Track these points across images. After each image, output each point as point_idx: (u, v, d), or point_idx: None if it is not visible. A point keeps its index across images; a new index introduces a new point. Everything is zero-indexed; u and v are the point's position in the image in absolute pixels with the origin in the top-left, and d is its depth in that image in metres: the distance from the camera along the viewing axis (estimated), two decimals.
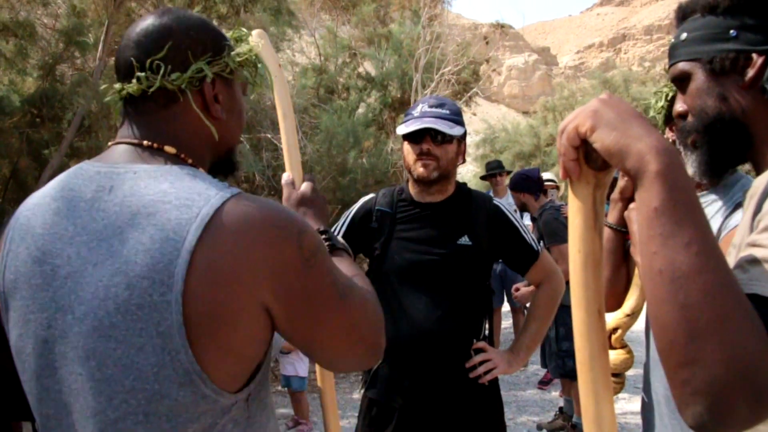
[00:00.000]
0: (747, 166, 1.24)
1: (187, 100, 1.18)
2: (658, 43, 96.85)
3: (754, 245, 0.92)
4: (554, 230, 4.77)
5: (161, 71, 1.14)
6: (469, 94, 14.53)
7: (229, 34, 1.30)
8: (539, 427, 5.26)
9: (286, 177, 1.66)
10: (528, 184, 5.13)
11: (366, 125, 10.15)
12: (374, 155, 9.53)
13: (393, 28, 13.63)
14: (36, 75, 6.05)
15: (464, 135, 2.41)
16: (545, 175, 5.82)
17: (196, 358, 1.01)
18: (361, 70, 13.37)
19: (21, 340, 1.11)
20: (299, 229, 1.09)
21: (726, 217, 1.70)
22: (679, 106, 1.30)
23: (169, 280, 0.99)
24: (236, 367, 1.08)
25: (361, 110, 11.02)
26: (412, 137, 2.33)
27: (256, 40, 1.40)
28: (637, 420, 5.15)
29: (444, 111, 2.32)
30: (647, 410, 1.93)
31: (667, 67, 1.35)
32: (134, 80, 1.15)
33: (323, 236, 1.43)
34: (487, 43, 16.92)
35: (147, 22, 1.18)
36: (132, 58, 1.16)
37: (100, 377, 1.03)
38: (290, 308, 1.08)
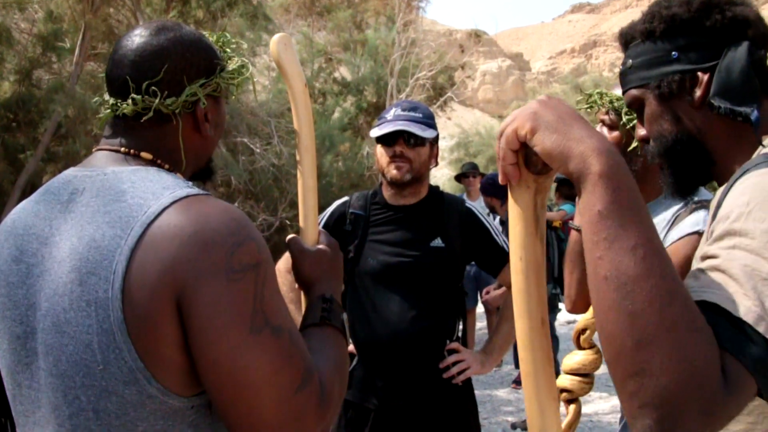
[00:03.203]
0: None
1: (179, 122, 1.20)
2: None
3: (705, 257, 0.92)
4: None
5: (158, 97, 1.16)
6: (443, 99, 14.64)
7: (212, 39, 1.31)
8: (513, 426, 5.32)
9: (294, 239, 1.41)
10: (495, 189, 5.21)
11: (342, 129, 10.23)
12: (350, 159, 9.61)
13: (368, 33, 13.73)
14: (12, 80, 6.02)
15: (437, 138, 2.46)
16: None
17: (140, 357, 1.00)
18: (336, 75, 13.41)
19: (0, 336, 1.16)
20: (241, 238, 1.04)
21: (667, 231, 1.73)
22: (641, 132, 1.32)
23: (111, 277, 1.00)
24: (177, 372, 1.03)
25: (336, 115, 11.08)
26: (386, 140, 2.37)
27: (278, 47, 1.39)
28: (609, 418, 5.26)
29: (417, 114, 2.36)
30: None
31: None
32: (129, 101, 1.16)
33: (324, 304, 1.28)
34: (462, 51, 17.10)
35: (143, 40, 1.18)
36: (128, 77, 1.16)
37: (56, 372, 1.05)
38: (194, 319, 1.00)
